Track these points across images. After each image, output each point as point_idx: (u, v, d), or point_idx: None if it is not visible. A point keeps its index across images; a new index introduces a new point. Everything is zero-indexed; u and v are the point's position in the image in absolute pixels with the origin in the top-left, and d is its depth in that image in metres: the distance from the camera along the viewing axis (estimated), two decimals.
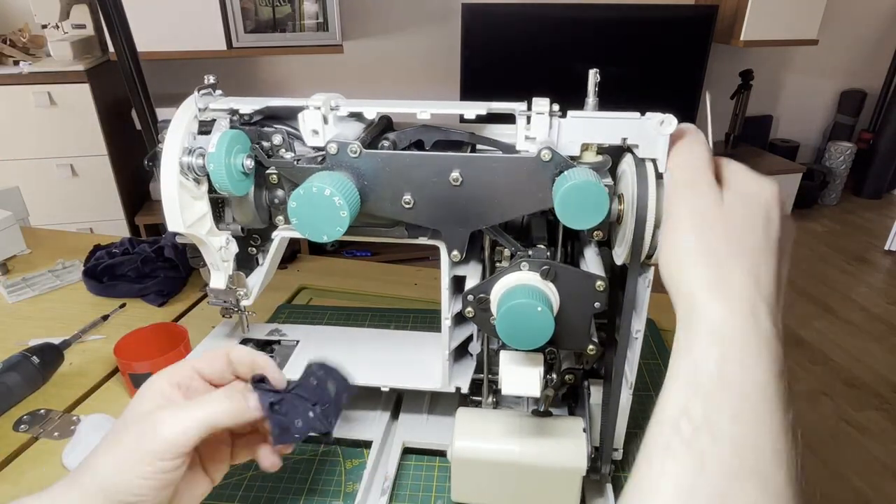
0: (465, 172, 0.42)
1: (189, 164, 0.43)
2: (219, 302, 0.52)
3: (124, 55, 0.92)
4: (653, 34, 2.53)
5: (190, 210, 0.44)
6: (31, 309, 0.82)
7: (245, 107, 0.45)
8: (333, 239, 0.41)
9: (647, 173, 0.39)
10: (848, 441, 1.63)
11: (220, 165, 0.42)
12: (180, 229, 0.44)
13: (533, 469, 0.47)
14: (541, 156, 0.40)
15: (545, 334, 0.39)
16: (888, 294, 2.35)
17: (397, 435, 0.57)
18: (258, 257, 0.53)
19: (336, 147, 0.42)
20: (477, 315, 0.44)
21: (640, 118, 0.40)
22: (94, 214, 2.06)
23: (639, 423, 0.59)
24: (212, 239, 0.47)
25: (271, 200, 0.48)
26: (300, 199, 0.40)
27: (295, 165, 0.44)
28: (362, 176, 0.42)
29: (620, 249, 0.43)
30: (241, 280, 0.51)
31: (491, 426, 0.49)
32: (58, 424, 0.61)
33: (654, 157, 0.40)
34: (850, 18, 2.99)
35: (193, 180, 0.44)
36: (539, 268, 0.42)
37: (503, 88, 2.43)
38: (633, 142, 0.40)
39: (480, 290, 0.43)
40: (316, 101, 0.43)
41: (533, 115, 0.41)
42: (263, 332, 0.61)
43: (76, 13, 2.04)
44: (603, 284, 0.42)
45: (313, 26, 2.12)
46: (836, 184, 3.12)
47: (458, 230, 0.44)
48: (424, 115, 0.43)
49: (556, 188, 0.39)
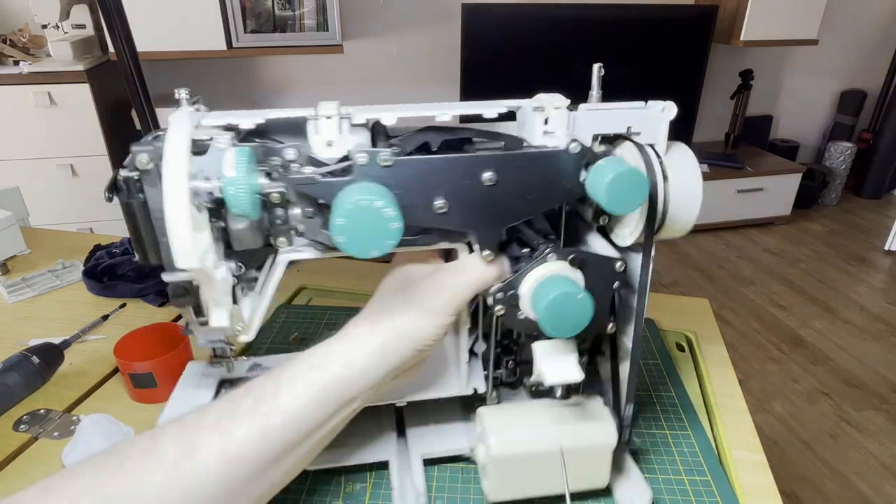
0: (499, 171, 0.41)
1: (196, 191, 0.38)
2: (213, 343, 0.46)
3: (124, 55, 0.92)
4: (653, 34, 2.53)
5: (197, 243, 0.39)
6: (31, 309, 0.82)
7: (244, 121, 0.41)
8: (384, 253, 0.39)
9: (651, 157, 0.43)
10: (848, 441, 1.63)
11: (242, 188, 0.38)
12: (194, 264, 0.38)
13: (569, 452, 0.48)
14: (570, 149, 0.42)
15: (586, 319, 0.41)
16: (888, 294, 2.35)
17: (412, 449, 0.55)
18: (237, 287, 0.46)
19: (367, 157, 0.40)
20: (507, 312, 0.45)
21: (644, 107, 0.44)
22: (94, 214, 2.06)
23: (639, 428, 0.60)
24: (216, 272, 0.42)
25: (272, 222, 0.43)
26: (348, 216, 0.37)
27: (319, 180, 0.40)
28: (392, 185, 0.40)
29: (626, 231, 0.46)
30: (238, 314, 0.45)
31: (519, 420, 0.50)
32: (58, 424, 0.61)
33: (654, 143, 0.44)
34: (850, 18, 2.99)
35: (196, 207, 0.39)
36: (566, 257, 0.43)
37: (503, 88, 2.42)
38: (637, 129, 0.44)
39: (509, 286, 0.44)
40: (327, 110, 0.41)
41: (552, 110, 0.42)
42: (243, 368, 0.56)
43: (76, 13, 2.04)
44: (623, 265, 0.44)
45: (313, 26, 2.12)
46: (836, 184, 3.12)
47: (492, 230, 0.44)
48: (444, 118, 0.42)
49: (596, 178, 0.40)
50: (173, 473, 0.36)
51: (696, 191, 0.44)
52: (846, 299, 2.31)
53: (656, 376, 0.68)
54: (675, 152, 0.45)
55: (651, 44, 2.55)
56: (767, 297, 2.33)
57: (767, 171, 2.79)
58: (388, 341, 0.42)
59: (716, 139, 3.09)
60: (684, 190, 0.44)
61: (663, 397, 0.64)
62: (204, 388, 0.55)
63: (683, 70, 2.61)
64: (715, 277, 2.48)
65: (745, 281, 2.45)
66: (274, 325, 0.77)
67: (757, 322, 2.17)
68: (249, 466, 0.38)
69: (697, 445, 0.58)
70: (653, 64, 2.60)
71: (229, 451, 0.38)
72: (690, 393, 0.65)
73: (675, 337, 0.77)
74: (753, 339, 2.07)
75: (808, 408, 1.75)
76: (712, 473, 0.54)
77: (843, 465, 1.55)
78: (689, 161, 0.45)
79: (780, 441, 1.63)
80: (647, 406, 0.63)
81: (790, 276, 2.49)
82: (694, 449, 0.57)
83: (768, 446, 1.36)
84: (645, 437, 0.59)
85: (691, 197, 0.44)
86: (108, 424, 0.59)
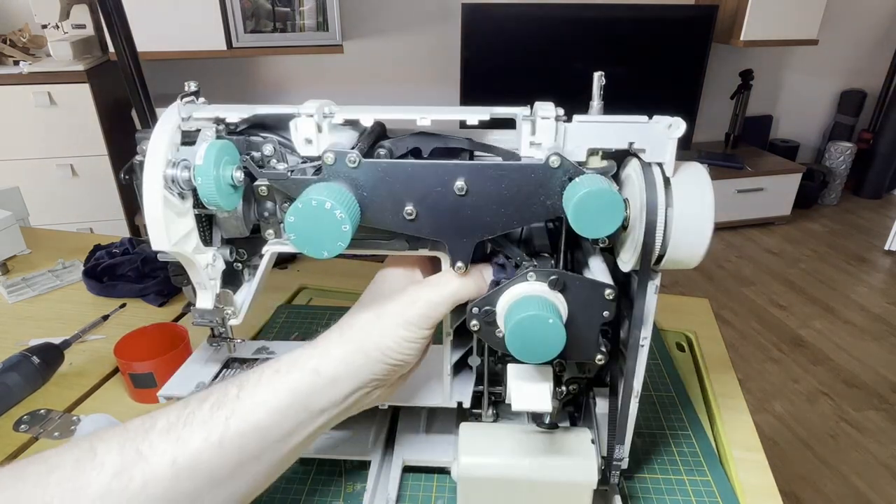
0: (470, 181, 0.40)
1: (174, 178, 0.40)
2: (204, 322, 0.48)
3: (124, 55, 0.92)
4: (653, 34, 2.53)
5: (175, 227, 0.41)
6: (31, 309, 0.82)
7: (231, 115, 0.42)
8: (334, 255, 0.39)
9: (655, 178, 0.39)
10: (848, 441, 1.63)
11: (208, 179, 0.39)
12: (165, 247, 0.40)
13: (543, 485, 0.46)
14: (549, 162, 0.38)
15: (556, 347, 0.38)
16: (888, 294, 2.35)
17: (396, 454, 0.55)
18: (244, 273, 0.50)
19: (333, 157, 0.39)
20: (482, 328, 0.43)
21: (647, 122, 0.39)
22: (94, 214, 2.06)
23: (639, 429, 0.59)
24: (198, 257, 0.44)
25: (260, 214, 0.45)
26: (299, 214, 0.37)
27: (289, 177, 0.41)
28: (361, 187, 0.40)
29: (627, 256, 0.42)
30: (229, 298, 0.47)
31: (496, 441, 0.48)
32: (58, 424, 0.61)
33: (661, 161, 0.39)
34: (850, 18, 2.99)
35: (178, 195, 0.41)
36: (547, 278, 0.40)
37: (503, 88, 2.44)
38: (640, 146, 0.40)
39: (486, 302, 0.42)
40: (308, 109, 0.41)
41: (538, 120, 0.39)
42: (249, 350, 0.58)
43: (76, 13, 2.04)
44: (612, 293, 0.41)
45: (313, 26, 2.12)
46: (836, 184, 3.12)
47: (463, 241, 0.42)
48: (424, 122, 0.41)
49: (569, 196, 0.37)
50: (112, 486, 0.32)
51: (706, 219, 0.39)
52: (846, 299, 2.31)
53: (656, 376, 0.68)
54: (686, 173, 0.40)
55: (651, 44, 2.55)
56: (767, 297, 2.33)
57: (767, 171, 2.79)
58: (356, 352, 0.40)
59: (716, 139, 3.09)
60: (692, 217, 0.39)
61: (663, 397, 0.64)
62: (211, 364, 0.56)
63: (683, 70, 2.61)
64: (715, 277, 2.48)
65: (745, 281, 2.45)
66: (274, 325, 0.77)
67: (757, 322, 2.17)
68: (202, 480, 0.35)
69: (697, 445, 0.58)
70: (653, 64, 2.60)
71: (181, 461, 0.34)
72: (690, 393, 0.65)
73: (675, 337, 0.77)
74: (753, 339, 2.07)
75: (808, 408, 1.75)
76: (712, 473, 0.54)
77: (843, 465, 1.55)
78: (702, 184, 0.39)
79: (780, 441, 1.63)
80: (648, 406, 0.63)
81: (790, 276, 2.49)
82: (694, 449, 0.57)
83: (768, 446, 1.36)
84: (645, 437, 0.59)
85: (700, 226, 0.39)
86: (108, 424, 0.59)
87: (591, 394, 0.51)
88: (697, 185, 0.39)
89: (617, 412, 0.47)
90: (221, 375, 0.55)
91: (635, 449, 0.57)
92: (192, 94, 0.43)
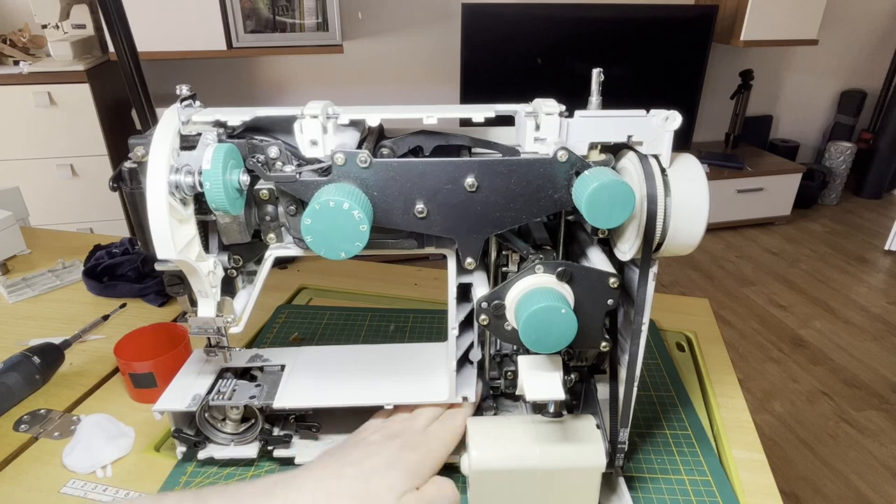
0: (480, 177, 0.40)
1: (178, 184, 0.39)
2: (203, 332, 0.47)
3: (124, 55, 0.92)
4: (653, 34, 2.53)
5: (178, 234, 0.40)
6: (31, 309, 0.82)
7: (232, 118, 0.42)
8: (351, 255, 0.39)
9: (654, 169, 0.40)
10: (848, 441, 1.63)
11: (217, 183, 0.38)
12: (171, 255, 0.39)
13: (553, 472, 0.47)
14: (557, 157, 0.40)
15: (569, 336, 0.39)
16: (888, 294, 2.35)
17: None
18: (238, 280, 0.49)
19: (344, 157, 0.39)
20: (491, 322, 0.43)
21: (645, 115, 0.41)
22: (94, 214, 2.06)
23: (639, 428, 0.60)
24: (201, 264, 0.43)
25: (261, 218, 0.44)
26: (315, 216, 0.37)
27: (298, 179, 0.40)
28: (371, 187, 0.40)
29: (626, 245, 0.43)
30: (229, 306, 0.47)
31: (505, 433, 0.49)
32: (58, 424, 0.60)
33: (658, 153, 0.41)
34: (850, 18, 2.99)
35: (180, 201, 0.40)
36: (555, 269, 0.41)
37: (503, 88, 2.44)
38: (638, 139, 0.41)
39: (495, 296, 0.42)
40: (312, 110, 0.40)
41: (543, 116, 0.40)
42: (243, 359, 0.57)
43: (76, 13, 2.04)
44: (616, 281, 0.42)
45: (313, 26, 2.12)
46: (836, 184, 3.12)
47: (473, 237, 0.43)
48: (431, 120, 0.41)
49: (580, 189, 0.38)
50: None
51: (701, 207, 0.41)
52: (846, 299, 2.31)
53: (656, 376, 0.68)
54: (681, 164, 0.42)
55: (651, 44, 2.55)
56: (767, 297, 2.33)
57: (767, 171, 2.80)
58: None
59: (716, 139, 3.09)
60: (689, 205, 0.41)
61: (663, 397, 0.64)
62: (205, 374, 0.55)
63: (683, 70, 2.61)
64: (715, 277, 2.48)
65: (745, 281, 2.45)
66: (274, 324, 0.77)
67: (757, 322, 2.17)
68: None
69: (697, 445, 0.58)
70: (653, 64, 2.60)
71: None
72: (690, 393, 0.65)
73: (675, 337, 0.77)
74: (753, 339, 2.07)
75: (808, 408, 1.75)
76: (712, 473, 0.54)
77: (843, 465, 1.55)
78: (696, 174, 0.42)
79: (780, 441, 1.63)
80: (648, 406, 0.63)
81: (790, 276, 2.49)
82: (694, 449, 0.57)
83: (768, 446, 1.36)
84: (645, 437, 0.59)
85: (696, 213, 0.41)
86: (108, 424, 0.59)
87: (593, 381, 0.53)
88: (692, 174, 0.41)
89: (618, 397, 0.48)
90: (216, 388, 0.53)
91: (635, 449, 0.57)
92: (190, 97, 0.43)
